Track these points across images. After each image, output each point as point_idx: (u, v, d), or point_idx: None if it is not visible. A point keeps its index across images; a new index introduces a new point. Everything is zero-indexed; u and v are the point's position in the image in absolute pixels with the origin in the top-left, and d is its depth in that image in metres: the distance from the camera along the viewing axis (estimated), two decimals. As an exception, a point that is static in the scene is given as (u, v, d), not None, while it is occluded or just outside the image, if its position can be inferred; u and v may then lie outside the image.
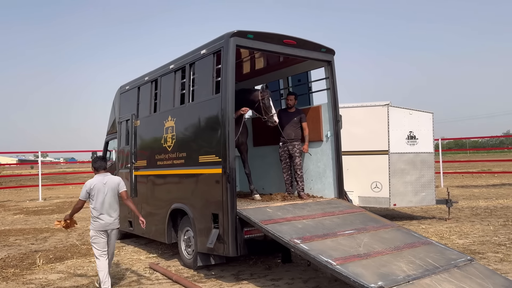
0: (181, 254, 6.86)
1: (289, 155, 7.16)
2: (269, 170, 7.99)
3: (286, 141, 7.14)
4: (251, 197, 6.88)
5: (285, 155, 7.19)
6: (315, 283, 5.63)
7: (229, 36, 5.80)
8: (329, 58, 6.87)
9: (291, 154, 7.13)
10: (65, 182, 28.27)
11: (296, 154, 7.07)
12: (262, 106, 6.75)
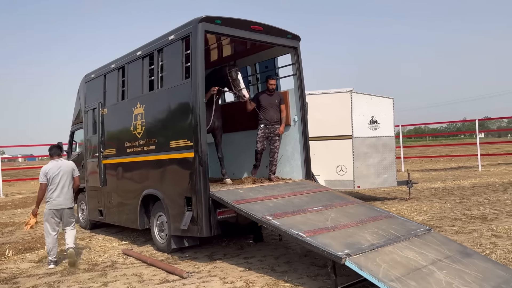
0: (154, 239, 6.95)
1: (267, 138, 7.18)
2: (239, 156, 8.15)
3: (268, 123, 7.15)
4: (223, 182, 7.03)
5: (265, 137, 7.18)
6: (286, 258, 5.90)
7: (197, 21, 5.89)
8: (295, 45, 7.09)
9: (271, 137, 7.17)
10: (25, 178, 27.35)
11: (276, 138, 7.18)
12: (230, 81, 6.73)
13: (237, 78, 6.66)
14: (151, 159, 6.80)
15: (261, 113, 7.13)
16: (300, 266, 5.49)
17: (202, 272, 5.50)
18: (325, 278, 4.84)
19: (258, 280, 5.01)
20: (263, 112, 7.13)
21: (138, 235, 8.14)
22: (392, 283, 3.76)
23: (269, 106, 7.16)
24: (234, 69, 6.71)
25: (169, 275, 5.47)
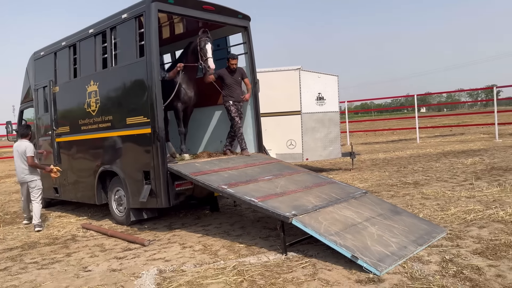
0: (113, 213, 7.20)
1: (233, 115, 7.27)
2: (194, 132, 8.46)
3: (235, 100, 7.29)
4: (180, 157, 7.31)
5: (238, 112, 7.31)
6: (240, 224, 6.41)
7: (150, 1, 6.07)
8: (245, 24, 7.43)
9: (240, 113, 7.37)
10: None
11: (241, 115, 7.42)
12: (198, 50, 6.81)
13: (204, 47, 6.72)
14: (107, 135, 6.98)
15: (227, 91, 7.31)
16: (253, 230, 6.02)
17: (162, 240, 5.88)
18: (276, 238, 5.39)
19: (215, 243, 5.49)
20: (228, 90, 7.30)
21: (95, 211, 8.34)
22: (332, 237, 4.36)
23: (234, 84, 7.34)
24: (204, 38, 6.76)
25: (130, 244, 5.81)
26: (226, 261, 4.73)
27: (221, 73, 7.32)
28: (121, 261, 5.08)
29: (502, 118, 26.19)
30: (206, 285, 4.06)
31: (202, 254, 5.09)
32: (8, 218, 8.25)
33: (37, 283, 4.52)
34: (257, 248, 5.11)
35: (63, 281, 4.51)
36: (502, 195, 6.81)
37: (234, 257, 4.86)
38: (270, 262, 4.55)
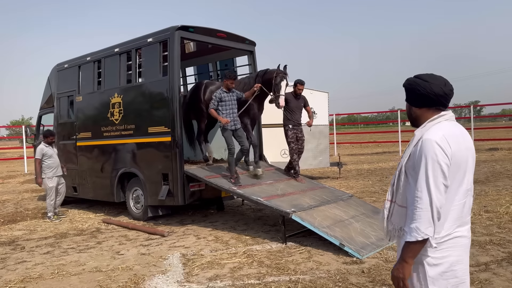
0: (130, 210, 8.18)
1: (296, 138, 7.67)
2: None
3: (296, 124, 7.65)
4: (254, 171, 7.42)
5: (296, 138, 7.67)
6: (243, 221, 7.47)
7: (174, 29, 7.14)
8: (251, 49, 8.56)
9: (299, 137, 7.71)
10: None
11: (303, 138, 7.80)
12: (273, 84, 6.96)
13: (279, 84, 6.92)
14: (129, 142, 7.97)
15: (288, 115, 7.57)
16: (255, 225, 7.09)
17: (178, 233, 6.90)
18: (275, 232, 6.45)
19: (224, 235, 6.53)
20: (290, 114, 7.57)
21: (110, 209, 9.27)
22: (323, 229, 5.46)
23: (297, 109, 7.66)
24: (281, 74, 6.95)
25: (150, 235, 6.81)
26: (236, 248, 5.78)
27: (286, 96, 7.28)
28: (147, 247, 6.09)
29: (481, 134, 27.81)
30: (224, 264, 5.11)
31: (215, 243, 6.14)
32: (30, 214, 9.14)
33: (81, 262, 5.51)
34: (261, 239, 6.17)
35: (103, 261, 5.50)
36: (467, 202, 8.00)
37: (242, 245, 5.91)
38: (273, 249, 5.62)
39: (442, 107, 2.15)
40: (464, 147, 2.06)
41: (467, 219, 2.12)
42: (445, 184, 1.99)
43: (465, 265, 2.11)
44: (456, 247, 2.07)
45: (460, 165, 2.04)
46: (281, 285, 4.34)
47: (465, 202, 2.10)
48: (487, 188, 9.10)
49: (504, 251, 5.00)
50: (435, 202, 1.96)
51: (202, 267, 5.03)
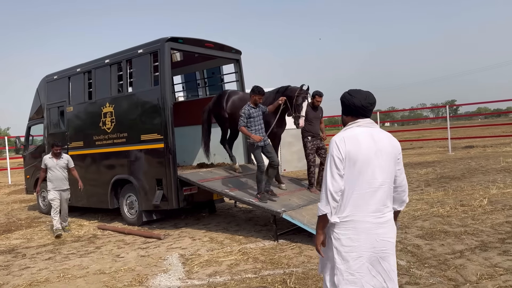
0: (124, 215, 8.43)
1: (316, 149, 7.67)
2: (189, 146, 9.81)
3: (315, 136, 7.61)
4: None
5: (315, 149, 7.64)
6: (235, 223, 7.81)
7: (164, 41, 7.46)
8: (237, 57, 8.94)
9: (319, 147, 7.69)
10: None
11: (325, 147, 7.67)
12: (294, 103, 6.92)
13: (301, 104, 6.90)
14: (121, 149, 8.23)
15: (307, 126, 7.45)
16: (247, 226, 7.44)
17: (173, 235, 7.20)
18: (267, 231, 6.81)
19: (219, 236, 6.87)
20: (309, 126, 7.48)
21: (103, 216, 9.49)
22: (313, 226, 5.84)
23: (315, 120, 7.63)
24: (303, 95, 6.93)
25: (147, 239, 7.09)
26: (231, 247, 6.12)
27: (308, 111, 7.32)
28: (146, 250, 6.38)
29: (458, 133, 28.80)
30: (221, 262, 5.45)
31: (211, 243, 6.47)
32: (23, 223, 9.28)
33: (84, 266, 5.76)
34: (254, 238, 6.53)
35: (106, 264, 5.77)
36: (445, 197, 8.51)
37: (237, 244, 6.26)
38: (266, 247, 5.99)
39: (362, 116, 2.66)
40: (365, 146, 2.54)
41: (377, 208, 2.55)
42: (339, 173, 2.51)
43: (363, 244, 2.54)
44: (356, 228, 2.54)
45: (357, 161, 2.51)
46: (276, 277, 4.70)
47: (374, 193, 2.54)
48: (462, 184, 9.66)
49: (477, 240, 5.48)
50: (329, 187, 2.51)
51: (201, 265, 5.36)
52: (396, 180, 2.66)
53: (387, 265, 2.59)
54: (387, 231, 2.59)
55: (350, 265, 2.57)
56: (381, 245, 2.57)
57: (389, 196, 2.62)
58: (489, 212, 6.82)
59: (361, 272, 2.56)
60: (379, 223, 2.55)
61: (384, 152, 2.57)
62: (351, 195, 2.55)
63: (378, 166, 2.54)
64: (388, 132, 2.70)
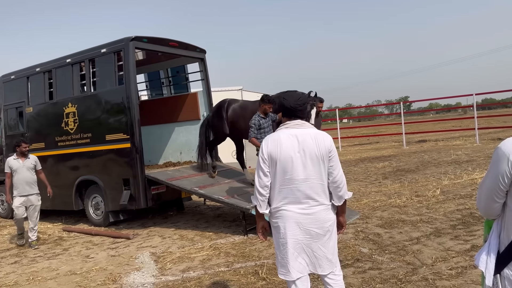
0: (90, 217, 8.33)
1: None
2: (155, 145, 9.80)
3: None
4: None
5: None
6: (204, 220, 7.94)
7: (129, 40, 7.45)
8: (202, 56, 9.03)
9: None
10: None
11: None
12: None
13: (310, 112, 6.65)
14: (86, 150, 8.12)
15: None
16: (216, 223, 7.59)
17: (142, 235, 7.23)
18: (236, 227, 7.00)
19: (189, 233, 6.98)
20: None
21: (67, 218, 9.32)
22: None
23: (317, 126, 7.28)
24: (311, 102, 6.70)
25: (115, 239, 7.08)
26: (202, 243, 6.26)
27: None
28: (116, 250, 6.39)
29: (412, 128, 30.16)
30: (193, 257, 5.58)
31: (181, 240, 6.57)
32: (-19, 228, 8.95)
33: (53, 267, 5.71)
34: (224, 234, 6.69)
35: (76, 265, 5.75)
36: (401, 189, 9.03)
37: (207, 240, 6.40)
38: (236, 241, 6.17)
39: (293, 117, 2.93)
40: (287, 147, 2.81)
41: (303, 201, 2.84)
42: (263, 172, 2.85)
43: (289, 232, 2.85)
44: (283, 218, 2.86)
45: (278, 160, 2.81)
46: (248, 269, 4.91)
47: (298, 188, 2.82)
48: (417, 176, 10.27)
49: (431, 227, 5.92)
50: (256, 183, 2.89)
51: (173, 262, 5.47)
52: (329, 176, 2.89)
53: (310, 253, 2.88)
54: (311, 222, 2.85)
55: (281, 250, 2.92)
56: (305, 234, 2.85)
57: (317, 191, 2.85)
58: (442, 202, 7.35)
59: (288, 257, 2.87)
60: (304, 213, 2.84)
61: (308, 151, 2.81)
62: (279, 189, 2.86)
63: (300, 164, 2.80)
64: (321, 132, 2.93)
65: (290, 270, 2.86)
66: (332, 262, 2.95)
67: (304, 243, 2.86)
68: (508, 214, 1.77)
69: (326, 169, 2.86)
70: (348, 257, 5.03)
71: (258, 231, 3.11)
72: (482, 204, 1.87)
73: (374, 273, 4.45)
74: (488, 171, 1.82)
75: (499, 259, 1.75)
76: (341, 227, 3.16)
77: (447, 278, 4.13)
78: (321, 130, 4.93)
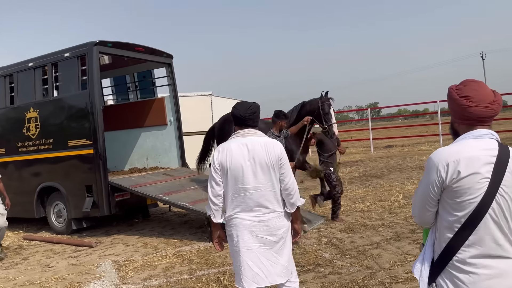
0: (52, 224, 8.11)
1: None
2: (121, 151, 9.64)
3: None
4: None
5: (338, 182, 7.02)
6: (170, 227, 7.87)
7: (92, 44, 7.33)
8: (169, 61, 8.98)
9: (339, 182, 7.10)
10: None
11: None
12: (322, 114, 6.37)
13: (329, 112, 6.38)
14: (48, 156, 7.91)
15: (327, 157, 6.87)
16: (182, 229, 7.53)
17: (105, 243, 7.10)
18: (202, 233, 6.96)
19: (153, 241, 6.90)
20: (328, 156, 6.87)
21: (28, 226, 9.02)
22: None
23: (333, 148, 7.01)
24: (327, 102, 6.45)
25: (77, 247, 6.92)
26: (166, 251, 6.20)
27: (321, 137, 6.87)
28: (77, 258, 6.25)
29: (380, 133, 30.81)
30: (156, 265, 5.53)
31: (145, 248, 6.49)
32: None
33: (10, 278, 5.53)
34: (189, 241, 6.65)
35: (35, 275, 5.58)
36: (366, 194, 9.23)
37: (171, 248, 6.34)
38: (201, 248, 6.15)
39: (244, 125, 2.97)
40: (236, 156, 2.86)
41: (255, 209, 2.88)
42: (215, 181, 2.93)
43: (242, 239, 2.89)
44: (236, 226, 2.92)
45: (228, 169, 2.86)
46: (211, 276, 4.90)
47: (249, 196, 2.86)
48: (382, 181, 10.52)
49: (392, 231, 6.08)
50: (209, 193, 2.98)
51: (135, 270, 5.39)
52: (281, 184, 2.92)
53: (266, 261, 2.88)
54: (263, 229, 2.87)
55: (235, 258, 2.96)
56: (258, 242, 2.87)
57: (269, 198, 2.88)
58: (404, 206, 7.56)
59: (241, 265, 2.89)
60: (256, 221, 2.87)
61: (258, 159, 2.85)
62: (231, 198, 2.92)
63: (251, 172, 2.84)
64: (271, 140, 2.97)
65: (242, 279, 2.88)
66: (288, 269, 3.00)
67: (258, 252, 2.87)
68: (440, 223, 1.83)
69: (277, 176, 2.90)
70: (310, 262, 5.10)
71: (214, 240, 3.13)
72: (416, 213, 1.95)
73: (334, 278, 4.53)
74: (421, 180, 1.90)
75: (433, 268, 1.81)
76: (296, 234, 3.21)
77: (403, 282, 4.26)
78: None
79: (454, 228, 1.74)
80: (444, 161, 1.76)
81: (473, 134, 1.81)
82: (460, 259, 1.73)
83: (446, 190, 1.77)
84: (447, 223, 1.78)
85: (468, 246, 1.72)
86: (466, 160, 1.73)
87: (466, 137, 1.82)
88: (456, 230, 1.74)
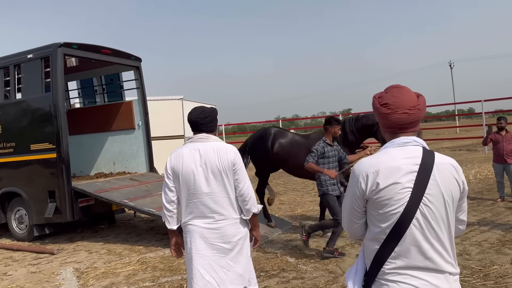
0: (13, 231, 7.81)
1: None
2: (86, 155, 9.40)
3: None
4: None
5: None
6: (136, 233, 7.71)
7: (57, 46, 7.14)
8: (137, 64, 8.84)
9: None
10: None
11: None
12: (379, 137, 5.86)
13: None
14: (9, 160, 7.63)
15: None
16: (148, 236, 7.39)
17: (68, 249, 6.88)
18: (167, 240, 6.81)
19: (117, 247, 6.74)
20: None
21: (-13, 233, 8.67)
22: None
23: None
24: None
25: (39, 254, 6.68)
26: (130, 258, 6.07)
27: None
28: (37, 266, 6.03)
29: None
30: (119, 273, 5.39)
31: (108, 255, 6.33)
32: None
33: (-38, 288, 5.27)
34: (154, 247, 6.53)
35: (-11, 284, 5.35)
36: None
37: (136, 255, 6.21)
38: (166, 255, 6.04)
39: (198, 130, 2.95)
40: (188, 161, 2.82)
41: (208, 215, 2.83)
42: (168, 187, 2.89)
43: (195, 246, 2.84)
44: (190, 232, 2.88)
45: (180, 174, 2.82)
46: (174, 283, 4.82)
47: (202, 202, 2.82)
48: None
49: (357, 236, 6.14)
50: (163, 199, 2.95)
51: (97, 278, 5.25)
52: (236, 190, 2.87)
53: (219, 269, 2.81)
54: (217, 236, 2.81)
55: (188, 265, 2.91)
56: (211, 249, 2.81)
57: (223, 205, 2.82)
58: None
59: (192, 273, 2.83)
60: (209, 228, 2.81)
61: (210, 165, 2.80)
62: (185, 204, 2.87)
63: (203, 177, 2.79)
64: (225, 144, 2.93)
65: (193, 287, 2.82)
66: (243, 277, 2.93)
67: (212, 259, 2.81)
68: (368, 234, 1.79)
69: (231, 182, 2.85)
70: (275, 267, 5.09)
71: (171, 247, 3.06)
72: (345, 225, 1.88)
73: (297, 283, 4.53)
74: (346, 192, 1.85)
75: (365, 278, 1.77)
76: (255, 241, 3.17)
77: (364, 286, 4.29)
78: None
79: (380, 239, 1.70)
80: (364, 173, 1.71)
81: (396, 143, 1.76)
82: (387, 270, 1.69)
83: (369, 202, 1.73)
84: (373, 235, 1.74)
85: (394, 258, 1.68)
86: (385, 170, 1.67)
87: (388, 146, 1.78)
88: (382, 241, 1.69)
